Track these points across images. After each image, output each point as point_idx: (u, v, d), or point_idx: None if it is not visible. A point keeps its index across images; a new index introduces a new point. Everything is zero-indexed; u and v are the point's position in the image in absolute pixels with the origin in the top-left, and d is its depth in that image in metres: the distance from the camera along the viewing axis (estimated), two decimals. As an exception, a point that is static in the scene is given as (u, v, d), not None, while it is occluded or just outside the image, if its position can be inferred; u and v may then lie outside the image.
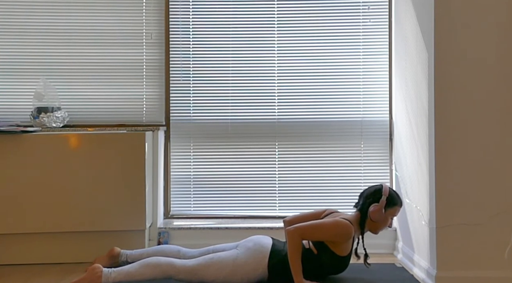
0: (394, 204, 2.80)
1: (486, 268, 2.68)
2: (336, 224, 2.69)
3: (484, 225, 2.68)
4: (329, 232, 2.68)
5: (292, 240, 2.64)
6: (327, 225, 2.70)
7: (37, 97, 3.53)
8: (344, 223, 2.68)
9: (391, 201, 2.79)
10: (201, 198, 3.76)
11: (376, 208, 2.75)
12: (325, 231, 2.68)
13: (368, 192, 2.85)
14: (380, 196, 2.78)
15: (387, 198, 2.77)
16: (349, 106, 3.73)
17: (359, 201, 2.87)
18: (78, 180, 3.26)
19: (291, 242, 2.65)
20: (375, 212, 2.75)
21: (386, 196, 2.77)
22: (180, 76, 3.76)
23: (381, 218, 2.76)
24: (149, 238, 3.50)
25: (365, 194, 2.86)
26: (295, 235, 2.65)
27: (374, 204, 2.77)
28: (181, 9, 3.77)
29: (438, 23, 2.72)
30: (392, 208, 2.80)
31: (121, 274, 2.63)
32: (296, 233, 2.66)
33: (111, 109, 3.73)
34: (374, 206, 2.76)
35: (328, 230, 2.68)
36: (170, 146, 3.76)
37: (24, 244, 3.26)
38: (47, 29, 3.72)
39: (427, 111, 2.84)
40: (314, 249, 2.72)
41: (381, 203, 2.75)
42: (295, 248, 2.63)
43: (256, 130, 3.75)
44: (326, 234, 2.68)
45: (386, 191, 2.78)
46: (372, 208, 2.76)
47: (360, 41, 3.73)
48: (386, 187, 2.81)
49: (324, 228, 2.69)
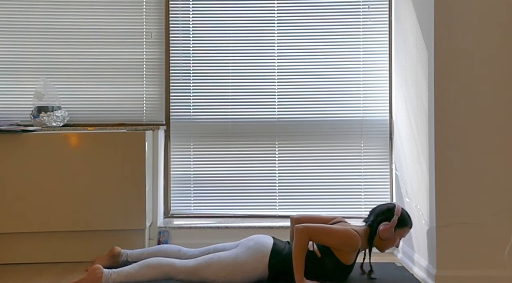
0: (405, 225, 2.79)
1: (486, 267, 2.68)
2: (346, 233, 2.68)
3: (484, 224, 2.69)
4: (338, 239, 2.67)
5: (300, 238, 2.65)
6: (338, 232, 2.69)
7: (37, 96, 3.53)
8: (354, 234, 2.68)
9: (402, 221, 2.78)
10: (201, 197, 3.76)
11: (387, 227, 2.74)
12: (334, 237, 2.68)
13: (380, 209, 2.83)
14: (391, 215, 2.76)
15: (398, 218, 2.75)
16: (349, 105, 3.73)
17: (370, 217, 2.85)
18: (78, 179, 3.26)
19: (298, 240, 2.65)
20: (385, 230, 2.74)
21: (398, 216, 2.75)
22: (180, 75, 3.76)
23: (390, 237, 2.75)
24: (149, 237, 3.51)
25: (376, 211, 2.84)
26: (304, 234, 2.65)
27: (385, 222, 2.75)
28: (181, 8, 3.77)
29: (438, 22, 2.72)
30: (402, 229, 2.79)
31: (121, 275, 2.63)
32: (305, 231, 2.66)
33: (111, 109, 3.73)
34: (384, 224, 2.75)
35: (338, 237, 2.67)
36: (170, 145, 3.76)
37: (24, 243, 3.27)
38: (47, 28, 3.72)
39: (427, 111, 2.84)
40: (318, 252, 2.72)
41: (392, 222, 2.74)
42: (301, 246, 2.64)
43: (256, 130, 3.75)
44: (334, 240, 2.68)
45: (399, 211, 2.77)
46: (382, 226, 2.75)
47: (360, 40, 3.73)
48: (399, 207, 2.80)
49: (334, 234, 2.68)
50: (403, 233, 2.81)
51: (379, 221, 2.78)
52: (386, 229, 2.74)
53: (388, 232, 2.73)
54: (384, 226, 2.74)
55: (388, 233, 2.73)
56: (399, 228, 2.77)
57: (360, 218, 3.60)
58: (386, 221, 2.75)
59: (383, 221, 2.76)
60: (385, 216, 2.77)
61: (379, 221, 2.78)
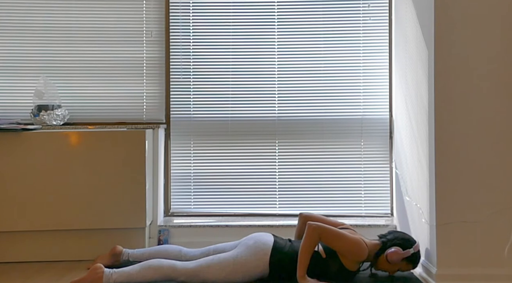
0: (412, 263, 2.79)
1: (486, 265, 2.68)
2: (357, 242, 2.69)
3: (484, 223, 2.69)
4: (348, 246, 2.68)
5: (312, 235, 2.66)
6: (349, 239, 2.69)
7: (38, 95, 3.53)
8: (363, 245, 2.69)
9: (413, 259, 2.77)
10: (201, 195, 3.76)
11: (399, 253, 2.71)
12: (344, 243, 2.68)
13: (401, 235, 2.83)
14: (409, 247, 2.74)
15: (412, 254, 2.74)
16: (349, 104, 3.73)
17: (387, 235, 2.84)
18: (78, 178, 3.26)
19: (309, 237, 2.66)
20: (395, 254, 2.71)
21: (414, 252, 2.74)
22: (180, 74, 3.76)
23: (393, 262, 2.73)
24: (149, 236, 3.51)
25: (396, 235, 2.83)
26: (315, 232, 2.66)
27: (399, 247, 2.73)
28: (181, 7, 3.76)
29: (438, 21, 2.72)
30: (407, 264, 2.78)
31: (122, 275, 2.63)
32: (317, 230, 2.67)
33: (112, 107, 3.73)
34: (397, 249, 2.72)
35: (348, 244, 2.68)
36: (170, 144, 3.76)
37: (25, 242, 3.27)
38: (47, 27, 3.71)
39: (427, 109, 2.84)
40: (323, 253, 2.72)
41: (406, 252, 2.72)
42: (310, 244, 2.65)
43: (256, 128, 3.75)
44: (343, 246, 2.68)
45: (417, 248, 2.76)
46: (394, 249, 2.72)
47: (360, 39, 3.73)
48: (418, 245, 2.79)
49: (345, 240, 2.68)
50: (404, 267, 2.79)
51: (395, 243, 2.76)
52: (397, 253, 2.71)
53: (396, 258, 2.71)
54: (397, 250, 2.71)
55: (395, 258, 2.71)
56: (406, 261, 2.76)
57: (360, 217, 3.63)
58: (401, 248, 2.74)
59: (399, 246, 2.74)
60: (403, 243, 2.76)
61: (394, 244, 2.76)
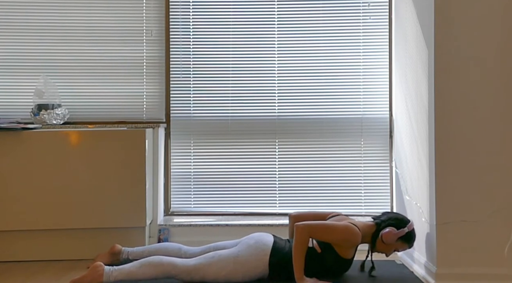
0: (407, 242, 2.82)
1: (486, 264, 2.68)
2: (346, 229, 2.69)
3: (484, 222, 2.69)
4: (339, 235, 2.68)
5: (301, 236, 2.65)
6: (338, 228, 2.70)
7: (38, 94, 3.53)
8: (354, 229, 2.69)
9: (408, 237, 2.80)
10: (202, 195, 3.76)
11: (393, 232, 2.75)
12: (335, 234, 2.69)
13: (395, 215, 2.87)
14: (403, 226, 2.78)
15: (407, 233, 2.77)
16: (349, 103, 3.73)
17: (381, 217, 2.87)
18: (78, 177, 3.26)
19: (299, 238, 2.65)
20: (390, 234, 2.75)
21: (408, 231, 2.78)
22: (180, 73, 3.76)
23: (389, 243, 2.76)
24: (149, 235, 3.51)
25: (390, 215, 2.87)
26: (304, 232, 2.66)
27: (393, 228, 2.77)
28: (181, 6, 3.76)
29: (438, 20, 2.72)
30: (402, 243, 2.81)
31: (122, 273, 2.63)
32: (305, 229, 2.66)
33: (112, 106, 3.73)
34: (392, 229, 2.76)
35: (338, 234, 2.68)
36: (170, 143, 3.76)
37: (24, 241, 3.27)
38: (47, 26, 3.71)
39: (427, 109, 2.85)
40: (317, 248, 2.72)
41: (400, 231, 2.75)
42: (301, 245, 2.64)
43: (256, 128, 3.75)
44: (335, 237, 2.69)
45: (411, 227, 2.80)
46: (388, 229, 2.76)
47: (360, 38, 3.73)
48: (412, 224, 2.82)
49: (334, 230, 2.69)
50: (400, 247, 2.83)
51: (389, 224, 2.79)
52: (392, 233, 2.75)
53: (391, 238, 2.74)
54: (391, 230, 2.75)
55: (390, 239, 2.74)
56: (401, 240, 2.79)
57: (359, 216, 3.62)
58: (395, 228, 2.77)
59: (393, 226, 2.78)
60: (397, 223, 2.79)
61: (388, 224, 2.79)
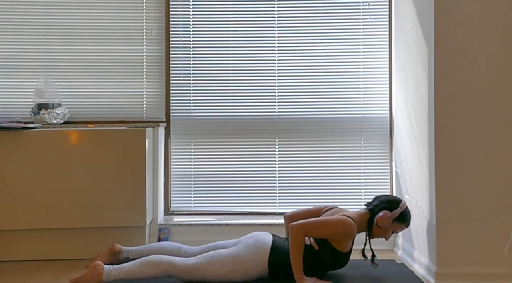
0: (403, 221, 2.81)
1: (486, 264, 2.68)
2: (340, 222, 2.69)
3: (484, 221, 2.69)
4: (333, 230, 2.68)
5: (296, 236, 2.65)
6: (332, 222, 2.70)
7: (38, 94, 3.53)
8: (348, 221, 2.69)
9: (403, 217, 2.79)
10: (202, 194, 3.76)
11: (387, 216, 2.75)
12: (329, 229, 2.69)
13: (386, 198, 2.86)
14: (395, 207, 2.78)
15: (400, 212, 2.77)
16: (349, 102, 3.73)
17: (373, 202, 2.87)
18: (78, 177, 3.26)
19: (294, 238, 2.65)
20: (384, 218, 2.75)
21: (401, 210, 2.77)
22: (180, 73, 3.76)
23: (385, 226, 2.76)
24: (150, 235, 3.51)
25: (381, 198, 2.86)
26: (299, 232, 2.65)
27: (386, 211, 2.77)
28: (182, 6, 3.76)
29: (438, 19, 2.71)
30: (399, 224, 2.80)
31: (122, 271, 2.63)
32: (300, 229, 2.66)
33: (112, 106, 3.73)
34: (385, 212, 2.76)
35: (332, 228, 2.68)
36: (170, 142, 3.76)
37: (24, 241, 3.27)
38: (47, 25, 3.71)
39: (427, 108, 2.84)
40: (315, 245, 2.72)
41: (394, 213, 2.75)
42: (298, 245, 2.64)
43: (256, 127, 3.75)
44: (330, 232, 2.69)
45: (404, 206, 2.80)
46: (382, 213, 2.76)
47: (360, 37, 3.72)
48: (404, 202, 2.82)
49: (328, 225, 2.69)
50: (398, 228, 2.82)
51: (381, 208, 2.79)
52: (386, 217, 2.75)
53: (386, 221, 2.74)
54: (385, 214, 2.75)
55: (385, 222, 2.75)
56: (397, 222, 2.78)
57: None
58: (388, 211, 2.77)
59: (385, 209, 2.78)
60: (389, 206, 2.79)
61: (381, 208, 2.79)
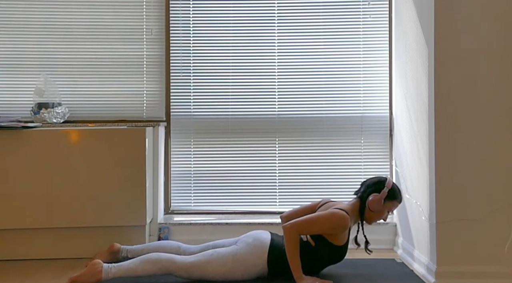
0: (394, 198, 2.78)
1: (486, 263, 2.68)
2: (331, 216, 2.67)
3: (484, 220, 2.69)
4: (326, 225, 2.67)
5: (290, 236, 2.64)
6: (323, 218, 2.68)
7: (38, 93, 3.53)
8: (340, 214, 2.67)
9: (392, 194, 2.77)
10: (202, 193, 3.76)
11: (376, 198, 2.73)
12: (321, 224, 2.67)
13: (371, 181, 2.83)
14: (382, 187, 2.75)
15: (388, 191, 2.74)
16: (349, 102, 3.73)
17: (360, 189, 2.85)
18: (78, 176, 3.27)
19: (288, 239, 2.64)
20: (374, 201, 2.73)
21: (388, 188, 2.74)
22: (180, 72, 3.76)
23: (378, 208, 2.73)
24: (150, 234, 3.51)
25: (367, 183, 2.84)
26: (292, 231, 2.64)
27: (374, 193, 2.75)
28: (182, 5, 3.76)
29: (438, 18, 2.71)
30: (391, 202, 2.78)
31: (121, 269, 2.63)
32: (292, 229, 2.65)
33: (112, 105, 3.74)
34: (374, 195, 2.74)
35: (325, 223, 2.67)
36: (170, 142, 3.76)
37: (24, 240, 3.27)
38: (47, 24, 3.72)
39: (427, 107, 2.84)
40: (311, 242, 2.71)
41: (382, 194, 2.73)
42: (293, 244, 2.63)
43: (256, 126, 3.75)
44: (323, 227, 2.68)
45: (390, 184, 2.76)
46: (371, 197, 2.74)
47: (360, 36, 3.72)
48: (390, 180, 2.79)
49: (320, 221, 2.68)
50: (391, 206, 2.80)
51: (369, 192, 2.77)
52: (376, 200, 2.72)
53: (377, 203, 2.72)
54: (374, 196, 2.73)
55: (377, 204, 2.72)
56: (388, 200, 2.76)
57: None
58: (376, 193, 2.75)
59: (373, 192, 2.75)
60: (376, 188, 2.77)
61: (369, 192, 2.77)
